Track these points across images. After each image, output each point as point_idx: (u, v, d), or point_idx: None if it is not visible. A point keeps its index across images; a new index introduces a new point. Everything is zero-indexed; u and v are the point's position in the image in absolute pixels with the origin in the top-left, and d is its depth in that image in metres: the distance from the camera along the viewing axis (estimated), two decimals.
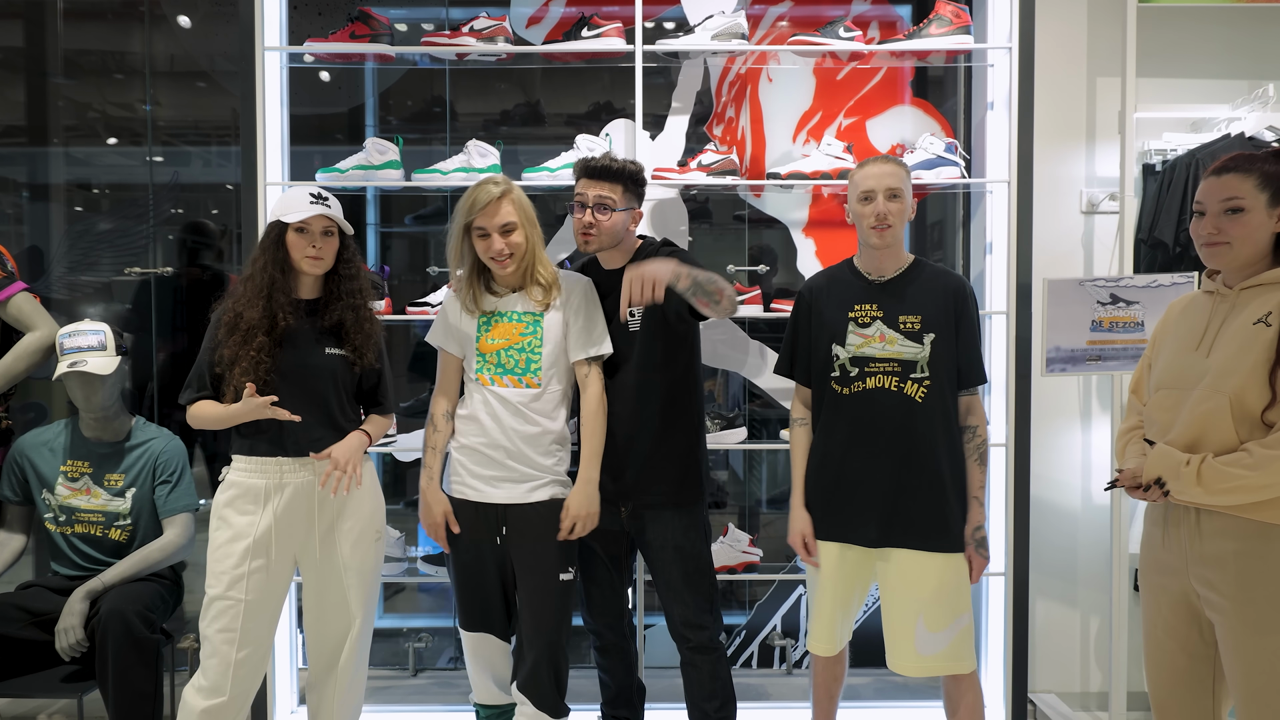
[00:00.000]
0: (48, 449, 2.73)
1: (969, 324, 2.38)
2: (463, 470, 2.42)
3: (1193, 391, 1.88)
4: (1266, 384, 1.77)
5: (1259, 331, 1.81)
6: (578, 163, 2.50)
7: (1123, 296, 2.73)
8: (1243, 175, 1.85)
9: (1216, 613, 1.86)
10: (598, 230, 2.42)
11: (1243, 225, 1.85)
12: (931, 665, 2.35)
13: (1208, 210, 1.89)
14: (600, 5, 3.27)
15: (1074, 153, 3.25)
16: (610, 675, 2.70)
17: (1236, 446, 1.80)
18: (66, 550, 2.72)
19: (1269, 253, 1.87)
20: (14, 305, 2.70)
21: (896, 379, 2.34)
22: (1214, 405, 1.83)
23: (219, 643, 2.26)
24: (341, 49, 2.95)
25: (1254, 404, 1.79)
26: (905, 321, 2.35)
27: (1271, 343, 1.78)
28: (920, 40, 2.93)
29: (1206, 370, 1.87)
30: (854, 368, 2.37)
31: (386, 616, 3.64)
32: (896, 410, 2.33)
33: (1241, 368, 1.80)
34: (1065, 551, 3.29)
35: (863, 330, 2.37)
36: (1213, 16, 3.19)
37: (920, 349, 2.33)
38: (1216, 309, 1.93)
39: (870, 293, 2.40)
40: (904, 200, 2.33)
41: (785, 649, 3.45)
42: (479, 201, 2.31)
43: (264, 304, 2.27)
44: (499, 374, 2.38)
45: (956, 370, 2.37)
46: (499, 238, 2.32)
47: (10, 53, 3.59)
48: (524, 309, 2.41)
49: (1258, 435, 1.79)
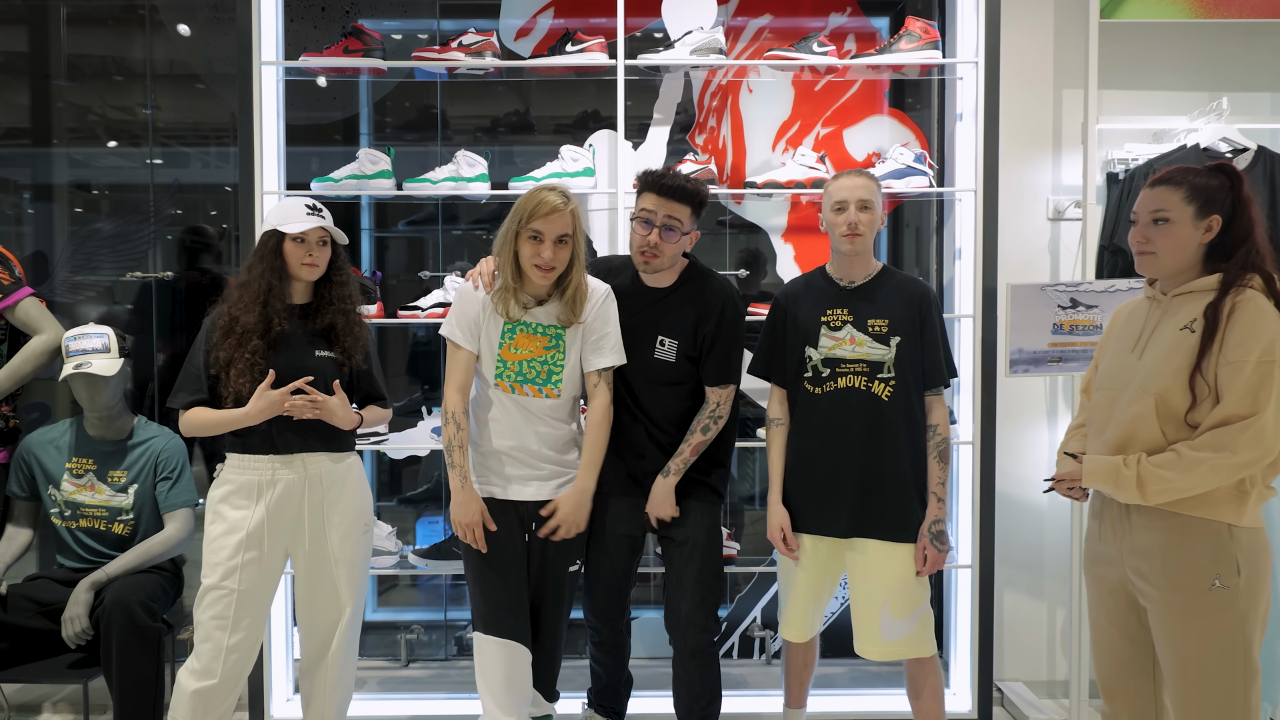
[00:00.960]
0: (54, 447, 2.85)
1: (931, 328, 2.51)
2: (488, 471, 2.48)
3: (1125, 392, 2.01)
4: (1188, 388, 1.89)
5: (1184, 337, 1.93)
6: (645, 176, 2.48)
7: (1082, 300, 2.85)
8: (1172, 188, 1.97)
9: (1147, 600, 1.99)
10: (660, 253, 2.43)
11: (1168, 236, 1.97)
12: (895, 650, 2.50)
13: (1139, 220, 2.02)
14: (587, 17, 3.38)
15: (1041, 162, 3.38)
16: (603, 668, 2.81)
17: (1164, 445, 1.92)
18: (71, 544, 2.84)
19: (1199, 262, 1.99)
20: (21, 310, 2.82)
21: (865, 379, 2.48)
22: (1142, 407, 1.95)
23: (212, 629, 2.38)
24: (336, 63, 3.07)
25: (1178, 406, 1.91)
26: (874, 325, 2.49)
27: (1193, 349, 1.90)
28: (890, 55, 3.06)
29: (1138, 372, 1.99)
30: (826, 368, 2.51)
31: (379, 610, 3.74)
32: (864, 408, 2.48)
33: (1167, 371, 1.93)
34: (1032, 546, 3.42)
35: (834, 333, 2.52)
36: (1173, 31, 3.32)
37: (887, 350, 2.47)
38: (1151, 314, 2.05)
39: (841, 298, 2.54)
40: (874, 211, 2.47)
41: (765, 640, 3.58)
42: (543, 205, 2.32)
43: (260, 309, 2.38)
44: (519, 382, 2.44)
45: (921, 371, 2.51)
46: (550, 246, 2.33)
47: (14, 57, 3.69)
48: (548, 322, 2.44)
49: (1184, 434, 1.91)
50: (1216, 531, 1.90)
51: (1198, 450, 1.86)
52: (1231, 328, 1.87)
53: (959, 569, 3.18)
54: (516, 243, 2.37)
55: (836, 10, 3.44)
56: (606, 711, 2.86)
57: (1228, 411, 1.85)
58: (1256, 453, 1.82)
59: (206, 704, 2.38)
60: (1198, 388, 1.88)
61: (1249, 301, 1.88)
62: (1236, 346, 1.85)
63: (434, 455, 3.56)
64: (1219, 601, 1.89)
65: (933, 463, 2.51)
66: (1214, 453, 1.84)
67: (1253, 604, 1.89)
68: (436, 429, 3.17)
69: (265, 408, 2.35)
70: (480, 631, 2.48)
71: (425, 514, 3.59)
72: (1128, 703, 2.12)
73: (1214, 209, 1.95)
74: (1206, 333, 1.89)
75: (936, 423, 2.52)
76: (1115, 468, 1.96)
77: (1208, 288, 1.95)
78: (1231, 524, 1.89)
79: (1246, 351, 1.84)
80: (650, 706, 3.04)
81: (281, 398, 2.34)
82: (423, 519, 3.49)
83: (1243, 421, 1.83)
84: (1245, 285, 1.91)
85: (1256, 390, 1.83)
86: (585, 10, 3.39)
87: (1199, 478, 1.86)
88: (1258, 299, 1.88)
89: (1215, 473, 1.84)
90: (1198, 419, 1.89)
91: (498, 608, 2.46)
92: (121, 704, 2.59)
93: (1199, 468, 1.85)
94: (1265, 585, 1.91)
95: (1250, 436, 1.82)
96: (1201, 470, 1.85)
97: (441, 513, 3.52)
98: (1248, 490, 1.89)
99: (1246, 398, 1.83)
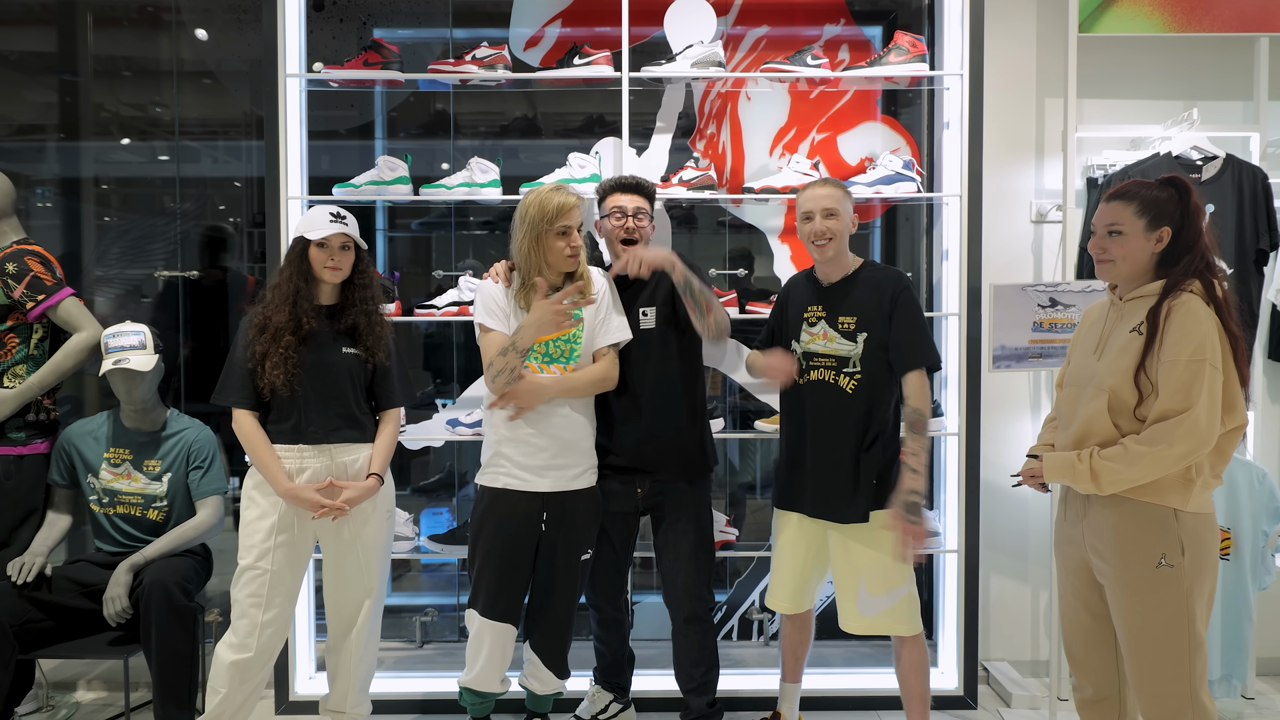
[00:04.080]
0: (92, 438, 3.02)
1: (903, 313, 2.61)
2: (508, 462, 2.66)
3: (1086, 389, 2.19)
4: (1134, 385, 2.07)
5: (1133, 339, 2.11)
6: (607, 181, 2.84)
7: (1060, 300, 3.02)
8: (1125, 203, 2.16)
9: (1103, 577, 2.18)
10: (641, 236, 2.77)
11: (1122, 246, 2.15)
12: (874, 625, 2.69)
13: (1096, 231, 2.20)
14: (593, 26, 3.55)
15: (1025, 167, 3.55)
16: (607, 646, 3.01)
17: (1117, 438, 2.11)
18: (109, 529, 3.01)
19: (1151, 269, 2.17)
20: (63, 309, 2.99)
21: (833, 373, 2.67)
22: (1098, 403, 2.14)
23: (247, 606, 2.57)
24: (356, 75, 3.24)
25: (1128, 401, 2.10)
26: (843, 322, 2.68)
27: (1139, 349, 2.08)
28: (880, 68, 3.23)
29: (1096, 371, 2.18)
30: (804, 361, 2.72)
31: (395, 594, 3.91)
32: (831, 399, 2.66)
33: (1118, 370, 2.11)
34: (1017, 533, 3.60)
35: (811, 329, 2.72)
36: (1149, 44, 3.49)
37: (854, 347, 2.65)
38: (1110, 317, 2.24)
39: (819, 296, 2.74)
40: (841, 217, 2.64)
41: (762, 622, 3.76)
42: (565, 205, 2.59)
43: (290, 309, 2.57)
44: (545, 361, 2.65)
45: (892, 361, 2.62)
46: (577, 235, 2.63)
47: (44, 57, 3.84)
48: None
49: (1135, 428, 2.09)
50: (1163, 515, 2.08)
51: (1140, 444, 2.04)
52: (1168, 330, 2.05)
53: (946, 554, 3.36)
54: (545, 241, 2.60)
55: (831, 21, 3.60)
56: (612, 687, 3.05)
57: (1164, 407, 2.03)
58: (1192, 444, 2.00)
59: (243, 675, 2.57)
60: (1142, 385, 2.07)
61: (1184, 305, 2.05)
62: (1171, 347, 2.03)
63: (446, 446, 3.73)
64: (1165, 578, 2.07)
65: (905, 434, 2.56)
66: (1153, 446, 2.02)
67: (1197, 582, 2.07)
68: (450, 421, 3.35)
69: (296, 500, 2.57)
70: (477, 611, 2.69)
71: (432, 505, 3.73)
72: (1092, 673, 2.31)
73: (1164, 221, 2.13)
74: (1149, 334, 2.07)
75: (908, 395, 2.58)
76: (1071, 463, 2.15)
77: (1154, 293, 2.13)
78: (1177, 509, 2.07)
79: (1179, 351, 2.01)
80: (653, 684, 3.23)
81: (313, 504, 2.56)
82: (426, 510, 3.62)
83: (1178, 416, 2.00)
84: (1184, 290, 2.08)
85: (1188, 386, 2.00)
86: (592, 20, 3.55)
87: (1144, 469, 2.04)
88: (1193, 302, 2.05)
89: (1158, 464, 2.02)
90: (1145, 413, 2.08)
91: (498, 593, 2.67)
92: (160, 678, 2.77)
93: (1142, 460, 2.03)
94: (1209, 565, 2.09)
95: (1185, 430, 1.99)
96: (1145, 462, 2.03)
97: (447, 504, 3.70)
98: (1193, 479, 2.07)
99: (1179, 394, 2.01)
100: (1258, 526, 3.07)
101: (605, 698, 3.04)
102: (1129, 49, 3.51)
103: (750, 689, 3.28)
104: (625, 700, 3.08)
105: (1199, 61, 3.52)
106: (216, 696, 2.57)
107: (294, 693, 3.27)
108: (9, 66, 3.82)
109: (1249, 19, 3.29)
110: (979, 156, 3.18)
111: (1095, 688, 2.31)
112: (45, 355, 3.06)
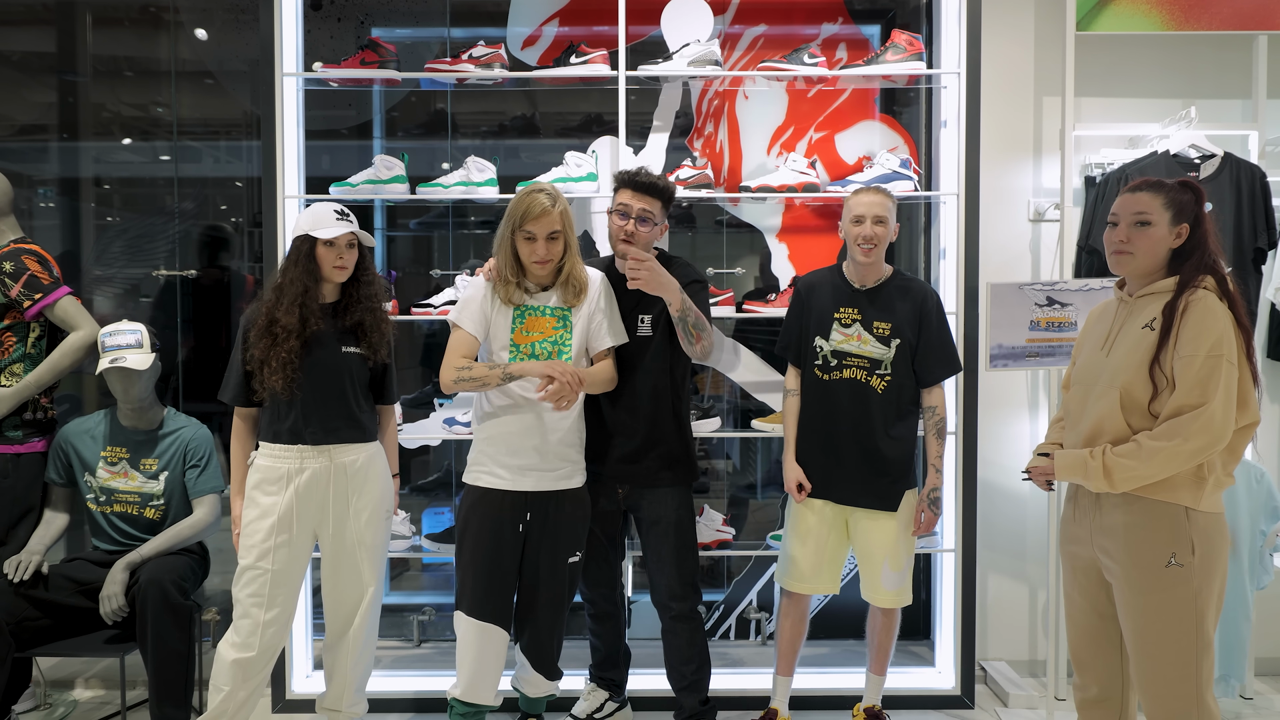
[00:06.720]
0: (89, 436, 3.03)
1: (930, 329, 2.84)
2: (488, 460, 2.65)
3: (1095, 387, 2.18)
4: (1149, 379, 2.07)
5: (1145, 334, 2.10)
6: (621, 175, 2.75)
7: (1057, 299, 3.01)
8: (1154, 194, 2.15)
9: (1111, 576, 2.16)
10: (636, 239, 2.70)
11: (1147, 237, 2.14)
12: (893, 598, 2.92)
13: (1120, 221, 2.18)
14: (590, 25, 3.55)
15: (1022, 166, 3.54)
16: (601, 640, 3.01)
17: (1129, 436, 2.10)
18: (106, 527, 3.02)
19: (1165, 265, 2.16)
20: (60, 308, 3.00)
21: (865, 372, 2.82)
22: (1109, 400, 2.13)
23: (249, 605, 2.57)
24: (353, 74, 3.24)
25: (1141, 397, 2.09)
26: (878, 327, 2.82)
27: (1153, 344, 2.07)
28: (877, 66, 3.23)
29: (1106, 368, 2.17)
30: (834, 359, 2.84)
31: (393, 593, 3.91)
32: (862, 397, 2.83)
33: (1130, 365, 2.10)
34: (1015, 532, 3.60)
35: (845, 329, 2.84)
36: (1147, 42, 3.48)
37: (887, 351, 2.80)
38: (1119, 314, 2.23)
39: (854, 298, 2.86)
40: (888, 225, 2.78)
41: (760, 621, 3.75)
42: (532, 209, 2.54)
43: (298, 310, 2.55)
44: None
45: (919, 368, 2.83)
46: (544, 243, 2.56)
47: (44, 57, 3.84)
48: (555, 305, 2.66)
49: (1148, 424, 2.08)
50: (1175, 514, 2.07)
51: (1155, 440, 2.03)
52: (1184, 325, 2.04)
53: (943, 553, 3.35)
54: (514, 241, 2.59)
55: (829, 19, 3.60)
56: (607, 684, 3.05)
57: (1180, 402, 2.02)
58: (1207, 439, 1.99)
59: (245, 673, 2.57)
60: (1157, 379, 2.06)
61: (1200, 301, 2.05)
62: (1188, 342, 2.02)
63: (444, 445, 3.74)
64: (1174, 578, 2.06)
65: (931, 439, 2.87)
66: (1168, 441, 2.01)
67: (1206, 582, 2.06)
68: (447, 420, 3.35)
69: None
70: (463, 612, 2.68)
71: (433, 504, 3.74)
72: (1096, 674, 2.29)
73: (1184, 218, 2.13)
74: (1164, 329, 2.06)
75: (934, 404, 2.87)
76: (1083, 460, 2.13)
77: (1167, 289, 2.12)
78: (1189, 507, 2.06)
79: (1196, 347, 2.01)
80: (647, 683, 3.22)
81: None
82: (428, 510, 3.63)
83: (1194, 411, 2.00)
84: (1199, 286, 2.08)
85: (1205, 381, 2.00)
86: (589, 19, 3.55)
87: (1158, 465, 2.03)
88: (1209, 298, 2.05)
89: (1172, 459, 2.01)
90: (1159, 409, 2.07)
91: (484, 592, 2.66)
92: (156, 676, 2.77)
93: (1157, 456, 2.02)
94: (1220, 565, 2.08)
95: (1200, 425, 1.99)
96: (1159, 458, 2.02)
97: (448, 503, 3.70)
98: (1205, 476, 2.06)
99: (1196, 389, 2.00)
100: (1256, 526, 3.07)
101: (600, 696, 3.04)
102: (1127, 47, 3.50)
103: (749, 688, 3.27)
104: (621, 699, 3.08)
105: (1197, 59, 3.51)
106: (219, 694, 2.58)
107: (290, 691, 3.27)
108: (9, 66, 3.83)
109: (1247, 17, 3.28)
110: (976, 155, 3.18)
111: (1099, 688, 2.29)
112: (43, 354, 3.06)
